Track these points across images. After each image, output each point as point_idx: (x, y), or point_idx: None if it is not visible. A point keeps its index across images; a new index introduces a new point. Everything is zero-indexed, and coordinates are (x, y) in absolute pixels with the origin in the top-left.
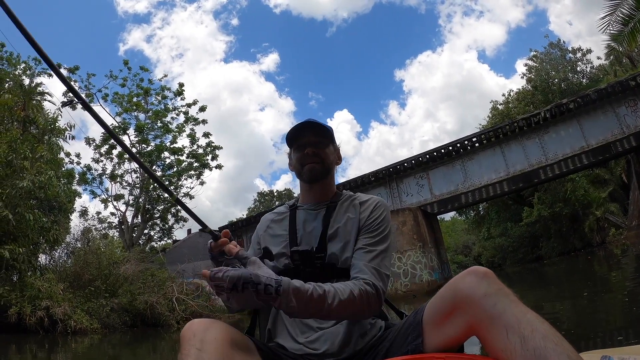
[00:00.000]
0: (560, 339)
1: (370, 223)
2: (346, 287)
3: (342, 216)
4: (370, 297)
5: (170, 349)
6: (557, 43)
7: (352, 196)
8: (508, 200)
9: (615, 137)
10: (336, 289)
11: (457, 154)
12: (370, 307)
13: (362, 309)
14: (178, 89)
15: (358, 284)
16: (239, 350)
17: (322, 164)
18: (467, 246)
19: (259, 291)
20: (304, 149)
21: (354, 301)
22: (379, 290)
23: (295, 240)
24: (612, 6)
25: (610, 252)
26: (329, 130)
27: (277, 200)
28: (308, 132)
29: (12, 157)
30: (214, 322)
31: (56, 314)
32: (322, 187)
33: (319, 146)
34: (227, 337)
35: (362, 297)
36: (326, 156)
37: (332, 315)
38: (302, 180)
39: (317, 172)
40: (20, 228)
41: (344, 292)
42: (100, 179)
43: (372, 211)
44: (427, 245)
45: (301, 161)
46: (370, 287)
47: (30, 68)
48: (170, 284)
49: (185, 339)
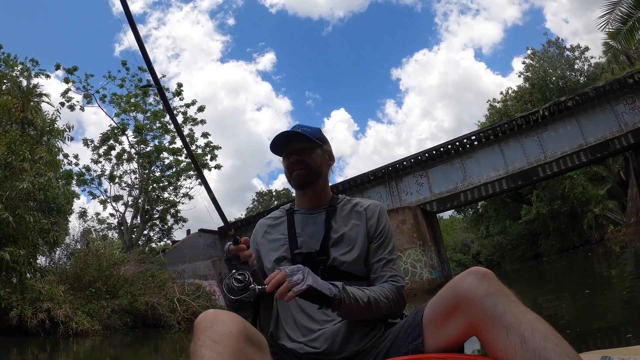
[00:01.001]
0: (560, 339)
1: (381, 232)
2: (382, 290)
3: (345, 221)
4: (399, 298)
5: (172, 350)
6: (555, 41)
7: (351, 200)
8: (506, 198)
9: (614, 134)
10: (374, 290)
11: (456, 152)
12: (400, 307)
13: (394, 309)
14: (177, 89)
15: (389, 287)
16: (252, 345)
17: (309, 169)
18: (466, 244)
19: (325, 295)
20: (289, 157)
21: (389, 303)
22: (402, 293)
23: (296, 244)
24: (611, 5)
25: (609, 249)
26: (312, 135)
27: (276, 200)
28: (292, 139)
29: (12, 158)
30: (229, 314)
31: (57, 316)
32: (315, 191)
33: (303, 152)
34: (242, 330)
35: (395, 299)
36: (312, 161)
37: (372, 315)
38: (292, 187)
39: (303, 178)
40: (20, 230)
41: (381, 293)
42: (100, 180)
43: (379, 219)
44: (427, 244)
45: (289, 169)
46: (397, 289)
47: (27, 69)
48: (171, 284)
49: (200, 328)
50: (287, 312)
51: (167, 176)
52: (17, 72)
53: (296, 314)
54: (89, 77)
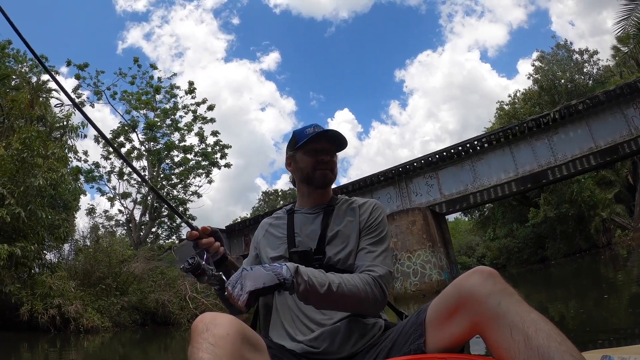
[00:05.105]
0: (563, 338)
1: (370, 225)
2: (352, 277)
3: (341, 219)
4: (374, 289)
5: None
6: (564, 44)
7: (349, 200)
8: (513, 201)
9: (624, 138)
10: (341, 277)
11: (466, 154)
12: (376, 299)
13: (367, 300)
14: (189, 87)
15: (362, 276)
16: (251, 347)
17: (333, 172)
18: (471, 247)
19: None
20: (319, 154)
21: (357, 291)
22: (382, 284)
23: (294, 243)
24: (628, 11)
25: (616, 253)
26: (345, 142)
27: (282, 200)
28: (327, 138)
29: (27, 153)
30: (226, 317)
31: (69, 312)
32: (322, 192)
33: (332, 154)
34: (239, 332)
35: (366, 288)
36: (335, 165)
37: (338, 303)
38: (310, 185)
39: (329, 179)
40: (30, 225)
41: (349, 281)
42: (109, 176)
43: (371, 213)
44: (436, 245)
45: (314, 166)
46: (374, 280)
47: (36, 65)
48: (182, 281)
49: (197, 331)
50: (286, 312)
51: (177, 174)
52: (27, 69)
53: (295, 313)
54: (100, 73)
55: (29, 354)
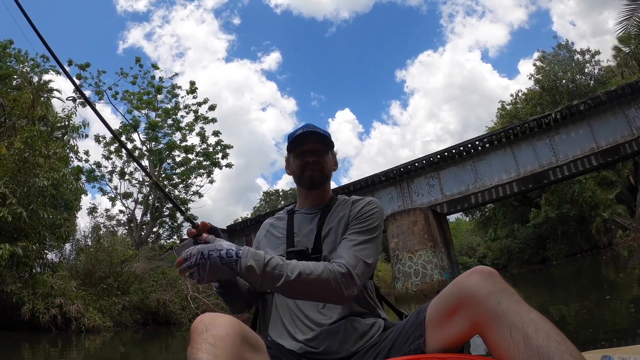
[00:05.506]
0: (563, 338)
1: (358, 217)
2: (315, 265)
3: (335, 217)
4: (341, 279)
5: (182, 348)
6: (566, 44)
7: (347, 199)
8: (514, 202)
9: (625, 138)
10: (301, 263)
11: (467, 154)
12: (341, 289)
13: (329, 289)
14: (190, 87)
15: (329, 264)
16: (250, 347)
17: (322, 171)
18: (472, 247)
19: (222, 256)
20: (305, 156)
21: (318, 278)
22: (352, 274)
23: (292, 243)
24: (629, 11)
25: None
26: (329, 138)
27: (283, 200)
28: (310, 139)
29: (29, 153)
30: (226, 317)
31: (70, 311)
32: (319, 193)
33: (319, 154)
34: (239, 333)
35: (329, 277)
36: (325, 164)
37: (297, 289)
38: (302, 187)
39: (317, 179)
40: (32, 225)
41: (309, 267)
42: (110, 176)
43: (363, 207)
44: (437, 245)
45: (302, 168)
46: (342, 269)
47: (38, 65)
48: (184, 281)
49: (196, 332)
50: (286, 312)
51: (179, 174)
52: (28, 68)
53: (295, 313)
54: (101, 73)
55: (30, 354)
